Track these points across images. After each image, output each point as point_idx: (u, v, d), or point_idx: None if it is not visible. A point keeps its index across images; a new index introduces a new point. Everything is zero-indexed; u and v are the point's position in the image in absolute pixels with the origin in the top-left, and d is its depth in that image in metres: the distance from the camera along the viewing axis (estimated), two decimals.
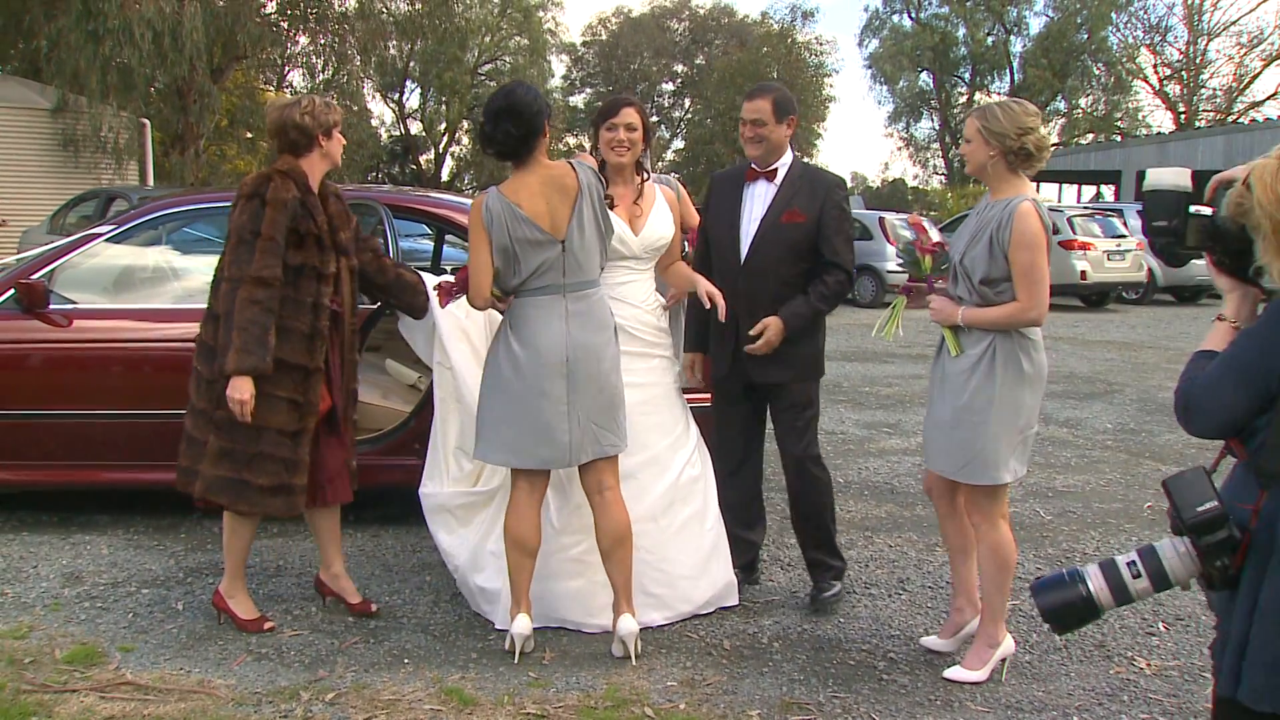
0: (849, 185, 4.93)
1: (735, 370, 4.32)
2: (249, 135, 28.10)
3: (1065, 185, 42.77)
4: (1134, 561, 2.16)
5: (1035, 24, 46.30)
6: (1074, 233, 18.63)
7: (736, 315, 4.19)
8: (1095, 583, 2.17)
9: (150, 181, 22.02)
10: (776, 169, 4.28)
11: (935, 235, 3.87)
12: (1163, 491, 2.15)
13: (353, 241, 4.10)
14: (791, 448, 4.35)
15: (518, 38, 44.33)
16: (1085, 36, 43.90)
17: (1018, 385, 3.65)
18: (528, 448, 3.76)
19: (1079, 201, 40.48)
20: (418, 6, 25.14)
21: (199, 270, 5.79)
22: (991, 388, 3.63)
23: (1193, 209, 2.28)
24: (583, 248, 3.74)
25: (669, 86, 46.39)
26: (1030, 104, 3.74)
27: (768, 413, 4.47)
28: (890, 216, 19.65)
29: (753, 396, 4.41)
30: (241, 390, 3.72)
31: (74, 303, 5.17)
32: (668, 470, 4.16)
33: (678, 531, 4.14)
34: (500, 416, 3.78)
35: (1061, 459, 7.27)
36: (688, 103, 46.29)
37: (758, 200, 4.28)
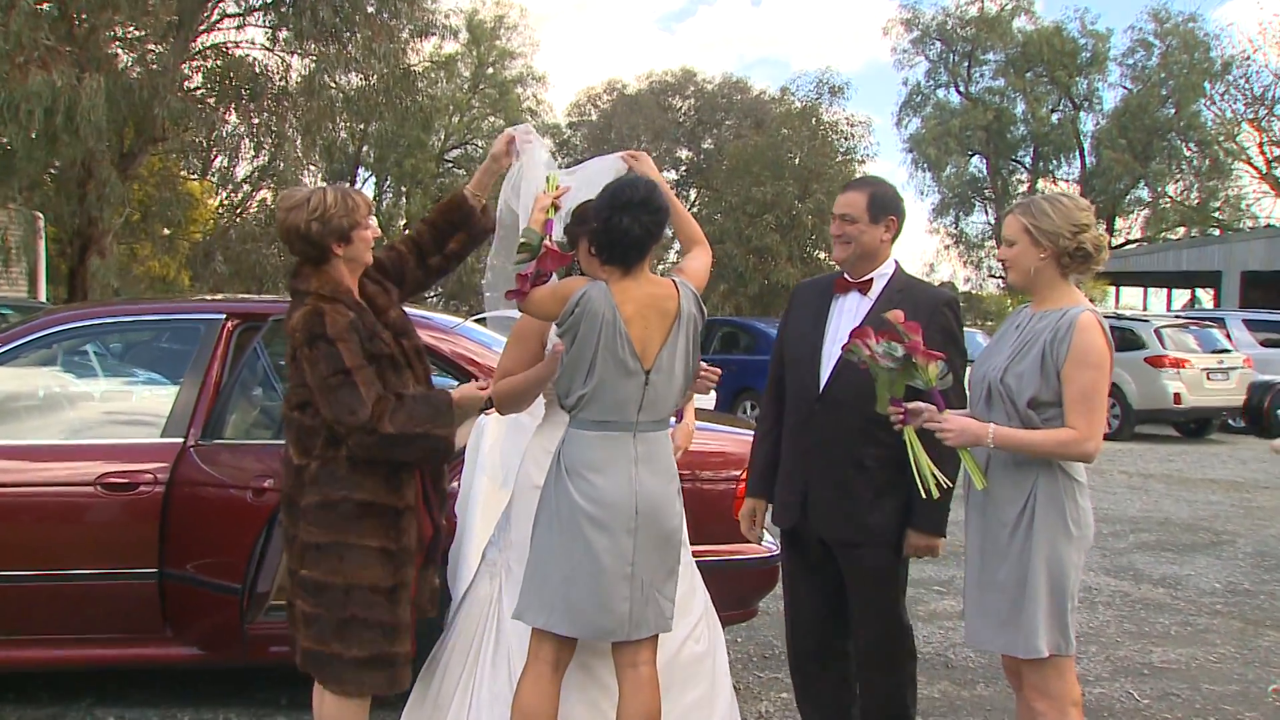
0: None
1: (804, 523, 4.25)
2: (167, 232, 28.40)
3: (1152, 289, 42.98)
4: None
5: (1110, 97, 46.79)
6: (1164, 347, 18.54)
7: (808, 456, 4.17)
8: None
9: (43, 288, 22.18)
10: (872, 279, 4.21)
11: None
12: None
13: (403, 316, 4.10)
14: (862, 630, 4.26)
15: (491, 118, 45.42)
16: (1173, 111, 44.29)
17: (1063, 541, 3.64)
18: (581, 614, 3.71)
19: (1169, 309, 40.63)
20: (373, 81, 25.48)
21: (100, 397, 5.79)
22: (1032, 545, 3.62)
23: None
24: (666, 383, 3.77)
25: (672, 175, 47.14)
26: (1080, 197, 3.80)
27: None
28: None
29: (834, 557, 4.28)
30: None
31: None
32: (664, 645, 4.07)
33: None
34: (548, 573, 3.74)
35: (1159, 627, 7.18)
36: (693, 194, 47.00)
37: (846, 316, 4.19)
